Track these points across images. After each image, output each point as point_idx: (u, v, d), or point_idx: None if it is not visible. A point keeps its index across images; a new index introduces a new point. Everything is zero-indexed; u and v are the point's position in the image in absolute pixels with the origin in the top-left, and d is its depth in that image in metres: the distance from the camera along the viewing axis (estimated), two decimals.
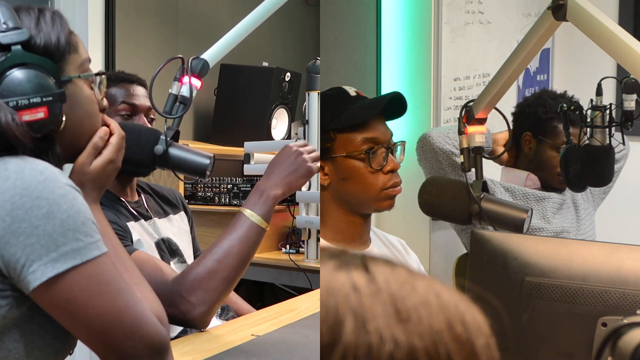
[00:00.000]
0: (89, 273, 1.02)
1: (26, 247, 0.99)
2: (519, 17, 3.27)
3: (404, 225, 2.67)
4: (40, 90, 1.09)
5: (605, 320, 0.93)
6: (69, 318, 1.04)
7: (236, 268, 1.54)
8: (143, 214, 1.84)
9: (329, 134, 1.57)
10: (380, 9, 2.75)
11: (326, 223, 1.60)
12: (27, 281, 1.00)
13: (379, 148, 1.58)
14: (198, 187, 3.12)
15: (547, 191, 2.36)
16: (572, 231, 2.38)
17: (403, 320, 0.53)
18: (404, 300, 0.54)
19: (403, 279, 0.55)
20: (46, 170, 1.03)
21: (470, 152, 1.90)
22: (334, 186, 1.58)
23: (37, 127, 1.09)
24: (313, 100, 2.76)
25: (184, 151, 1.58)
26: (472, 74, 2.99)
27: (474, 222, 1.87)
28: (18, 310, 1.04)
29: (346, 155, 1.56)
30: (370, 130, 1.58)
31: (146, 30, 3.50)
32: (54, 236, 0.99)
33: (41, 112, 1.09)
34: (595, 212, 2.54)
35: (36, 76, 1.10)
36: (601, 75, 2.13)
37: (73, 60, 1.17)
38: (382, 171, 1.57)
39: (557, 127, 2.29)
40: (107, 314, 1.04)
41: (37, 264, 0.99)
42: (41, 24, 1.14)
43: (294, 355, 1.41)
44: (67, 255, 1.00)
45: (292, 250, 2.94)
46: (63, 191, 1.02)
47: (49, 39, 1.14)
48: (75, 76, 1.17)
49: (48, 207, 1.00)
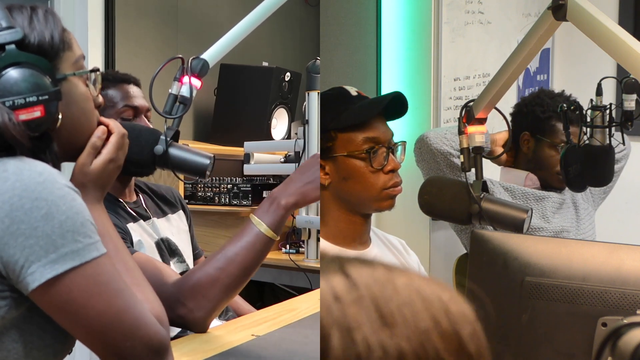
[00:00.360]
0: (87, 274, 1.02)
1: (25, 249, 0.99)
2: (519, 17, 3.27)
3: (404, 225, 2.67)
4: (36, 89, 1.09)
5: (605, 320, 0.93)
6: (68, 319, 1.04)
7: (238, 277, 1.50)
8: (142, 215, 1.84)
9: (330, 134, 1.57)
10: (380, 9, 2.75)
11: (326, 223, 1.60)
12: (26, 282, 1.00)
13: (379, 148, 1.58)
14: (198, 187, 3.11)
15: (546, 190, 2.36)
16: (572, 231, 2.38)
17: (389, 325, 0.52)
18: (387, 303, 0.53)
19: (383, 278, 0.55)
20: (45, 172, 1.03)
21: (470, 152, 1.90)
22: (335, 186, 1.58)
23: (34, 126, 1.08)
24: (313, 100, 2.76)
25: (184, 151, 1.57)
26: (472, 74, 2.99)
27: (474, 222, 1.87)
28: (17, 311, 1.04)
29: (347, 154, 1.56)
30: (371, 129, 1.58)
31: (146, 30, 3.50)
32: (53, 237, 0.99)
33: (38, 111, 1.09)
34: (595, 212, 2.54)
35: (31, 75, 1.09)
36: (601, 75, 2.13)
37: (67, 57, 1.17)
38: (382, 171, 1.57)
39: (555, 126, 2.29)
40: (106, 315, 1.04)
41: (36, 265, 0.99)
42: (34, 22, 1.13)
43: (294, 355, 1.41)
44: (66, 257, 1.00)
45: (292, 250, 2.94)
46: (62, 192, 1.02)
47: (43, 37, 1.13)
48: (70, 74, 1.17)
49: (47, 209, 1.00)
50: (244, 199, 3.01)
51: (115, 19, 3.05)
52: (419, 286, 0.55)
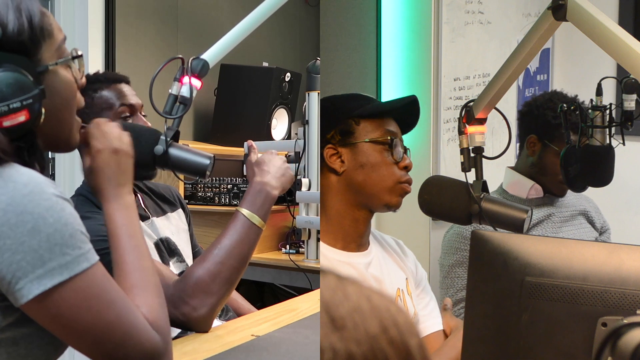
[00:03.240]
0: (77, 287, 1.00)
1: (12, 264, 0.96)
2: (519, 17, 3.28)
3: (403, 225, 2.67)
4: (19, 92, 1.05)
5: (605, 320, 0.93)
6: (59, 331, 1.03)
7: (237, 269, 1.55)
8: (141, 215, 1.84)
9: (351, 121, 1.59)
10: (380, 9, 2.75)
11: (329, 218, 1.59)
12: (15, 298, 0.99)
13: (400, 140, 1.62)
14: (198, 187, 3.12)
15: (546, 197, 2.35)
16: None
17: (339, 328, 0.54)
18: (338, 308, 0.55)
19: (333, 285, 0.56)
20: (31, 182, 1.00)
21: (470, 152, 1.90)
22: (349, 174, 1.58)
23: (18, 130, 1.06)
24: (313, 100, 2.76)
25: (184, 151, 1.58)
26: (472, 74, 2.99)
27: (474, 222, 1.87)
28: (12, 317, 1.03)
29: (369, 140, 1.58)
30: (391, 124, 1.62)
31: (146, 30, 3.50)
32: (40, 252, 0.97)
33: (22, 116, 1.05)
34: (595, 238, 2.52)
35: (13, 78, 1.04)
36: (601, 75, 2.13)
37: (49, 45, 1.11)
38: (399, 165, 1.60)
39: (565, 134, 2.26)
40: (96, 327, 1.03)
41: (24, 281, 0.97)
42: (9, 13, 1.06)
43: (294, 355, 1.41)
44: (54, 271, 0.98)
45: (292, 250, 2.94)
46: (49, 203, 0.99)
47: (18, 30, 1.06)
48: (52, 63, 1.11)
49: (33, 222, 0.97)
50: None
51: (115, 19, 3.05)
52: (368, 295, 0.57)
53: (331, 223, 1.59)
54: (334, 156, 1.58)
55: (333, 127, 1.59)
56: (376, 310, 0.56)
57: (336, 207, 1.59)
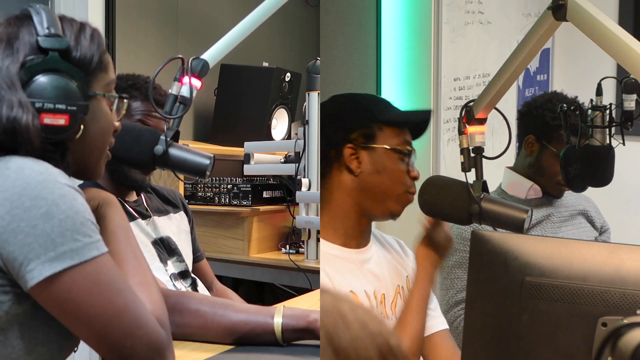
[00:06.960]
0: (87, 273, 1.03)
1: (24, 246, 1.00)
2: (519, 17, 3.28)
3: (403, 225, 2.67)
4: (67, 98, 1.12)
5: (605, 320, 0.93)
6: (68, 317, 1.05)
7: (216, 337, 1.43)
8: (142, 213, 1.84)
9: (377, 125, 1.60)
10: (380, 9, 2.75)
11: (332, 215, 1.59)
12: (25, 279, 1.01)
13: (414, 152, 1.65)
14: (198, 187, 3.12)
15: (544, 197, 2.35)
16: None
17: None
18: (340, 340, 0.59)
19: (330, 306, 0.62)
20: (46, 171, 1.04)
21: (470, 152, 1.90)
22: (365, 176, 1.58)
23: (55, 132, 1.11)
24: (313, 100, 2.76)
25: (183, 151, 1.58)
26: (472, 74, 2.99)
27: (474, 222, 1.87)
28: (20, 307, 1.05)
29: (391, 148, 1.59)
30: (408, 135, 1.65)
31: (146, 30, 3.50)
32: (52, 236, 1.00)
33: (63, 119, 1.12)
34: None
35: (66, 84, 1.13)
36: (601, 75, 2.13)
37: (101, 78, 1.21)
38: (409, 175, 1.63)
39: (564, 135, 2.25)
40: (106, 314, 1.04)
41: (35, 263, 1.00)
42: (81, 38, 1.19)
43: (294, 355, 1.41)
44: (65, 255, 1.01)
45: (292, 250, 2.94)
46: (62, 192, 1.03)
47: (85, 53, 1.18)
48: (100, 93, 1.21)
49: (47, 207, 1.01)
50: (244, 199, 3.01)
51: (115, 19, 3.05)
52: (363, 321, 0.62)
53: (334, 220, 1.59)
54: (352, 156, 1.58)
55: (357, 127, 1.59)
56: (372, 337, 0.59)
57: (343, 206, 1.59)
